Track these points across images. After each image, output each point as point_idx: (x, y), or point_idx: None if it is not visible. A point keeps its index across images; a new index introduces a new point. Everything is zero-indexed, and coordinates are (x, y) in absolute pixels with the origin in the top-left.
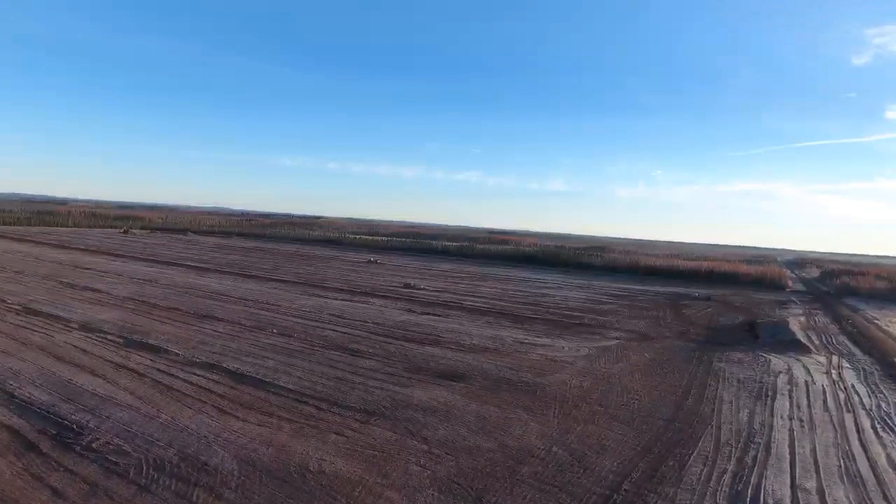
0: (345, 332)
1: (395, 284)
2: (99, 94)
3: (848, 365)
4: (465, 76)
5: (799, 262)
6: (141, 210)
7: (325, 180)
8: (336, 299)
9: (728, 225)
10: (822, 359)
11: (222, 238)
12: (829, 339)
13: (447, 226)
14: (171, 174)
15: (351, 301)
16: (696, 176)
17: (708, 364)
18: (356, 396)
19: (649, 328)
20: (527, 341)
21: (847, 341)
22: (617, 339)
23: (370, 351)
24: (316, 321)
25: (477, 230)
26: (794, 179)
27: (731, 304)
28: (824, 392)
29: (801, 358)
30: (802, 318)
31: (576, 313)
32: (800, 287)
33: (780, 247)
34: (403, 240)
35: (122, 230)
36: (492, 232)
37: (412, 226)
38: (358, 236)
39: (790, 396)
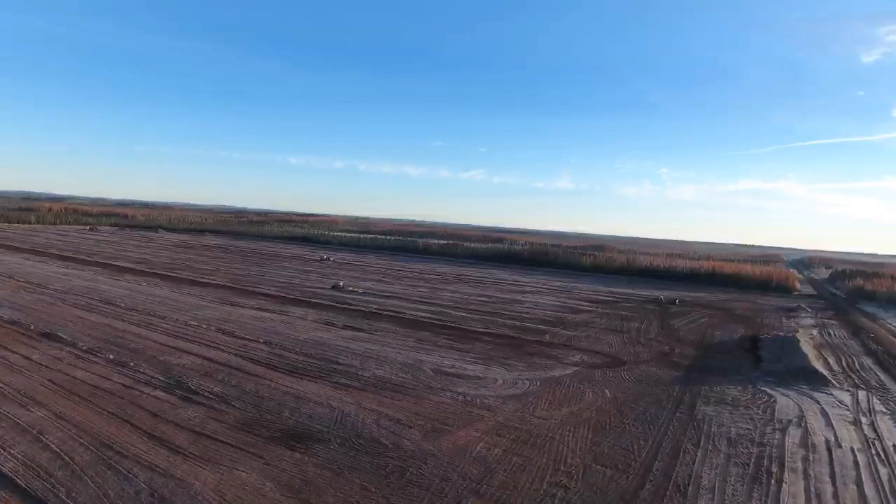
0: (208, 359)
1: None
2: (101, 94)
3: (882, 408)
4: (471, 75)
5: (806, 261)
6: (135, 207)
7: (332, 179)
8: (252, 308)
9: (734, 224)
10: (846, 397)
11: (192, 235)
12: (851, 363)
13: (449, 224)
14: (177, 173)
15: (266, 311)
16: (702, 174)
17: (689, 408)
18: (92, 490)
19: (624, 347)
20: (452, 370)
21: (874, 366)
22: (576, 365)
23: (214, 391)
24: (190, 340)
25: (480, 228)
26: (800, 178)
27: (730, 313)
28: (856, 464)
29: (816, 395)
30: (814, 332)
31: (539, 326)
32: (808, 290)
33: (786, 246)
34: (388, 238)
35: (89, 227)
36: (495, 230)
37: (413, 224)
38: (338, 234)
39: (805, 475)
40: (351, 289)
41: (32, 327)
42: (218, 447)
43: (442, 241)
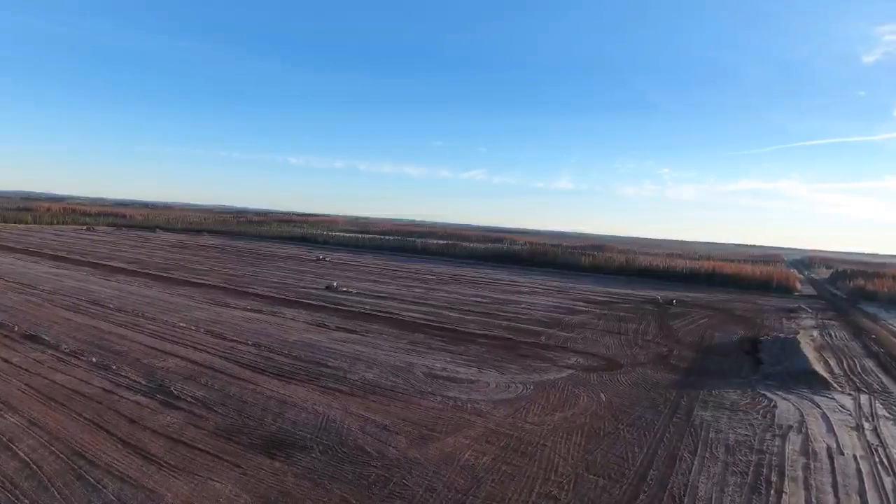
0: (194, 362)
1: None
2: (101, 94)
3: (885, 413)
4: (471, 75)
5: (806, 261)
6: (135, 207)
7: (332, 179)
8: (243, 309)
9: (734, 224)
10: (848, 401)
11: (189, 235)
12: (853, 366)
13: (449, 224)
14: (177, 173)
15: (258, 312)
16: (702, 174)
17: (686, 413)
18: (58, 503)
19: (621, 349)
20: (444, 374)
21: (875, 369)
22: (571, 367)
23: (196, 396)
24: (177, 343)
25: (480, 228)
26: (801, 178)
27: (730, 313)
28: (859, 473)
29: (817, 399)
30: (815, 333)
31: (535, 327)
32: (809, 290)
33: (786, 246)
34: (386, 238)
35: (86, 227)
36: (495, 230)
37: (413, 224)
38: (337, 234)
39: (806, 485)
40: (345, 289)
41: (16, 329)
42: (195, 455)
43: (440, 242)
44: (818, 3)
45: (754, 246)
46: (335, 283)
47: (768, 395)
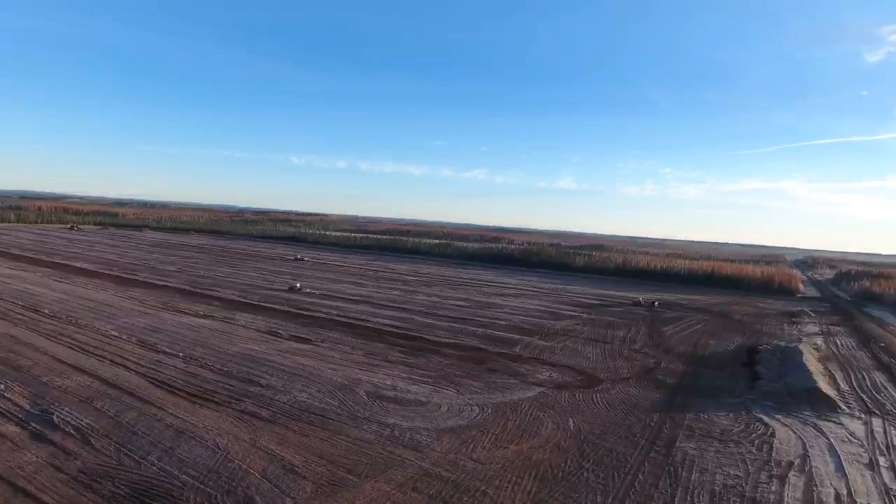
0: (102, 380)
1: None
2: (102, 93)
3: None
4: (472, 74)
5: (809, 261)
6: (135, 207)
7: (334, 178)
8: (194, 314)
9: (737, 223)
10: (858, 426)
11: (176, 234)
12: (862, 381)
13: (450, 223)
14: (179, 172)
15: (209, 318)
16: (704, 174)
17: (667, 446)
18: None
19: (603, 361)
20: (391, 393)
21: (887, 384)
22: (542, 384)
23: (79, 425)
24: (96, 355)
25: (482, 228)
26: (804, 178)
27: (728, 318)
28: None
29: (822, 425)
30: (819, 341)
31: (512, 335)
32: (812, 292)
33: (789, 245)
34: (378, 237)
35: (70, 227)
36: (497, 230)
37: (413, 224)
38: (329, 233)
39: None
40: (308, 291)
41: None
42: None
43: (433, 241)
44: (821, 3)
45: (757, 246)
46: (298, 285)
47: (765, 419)
